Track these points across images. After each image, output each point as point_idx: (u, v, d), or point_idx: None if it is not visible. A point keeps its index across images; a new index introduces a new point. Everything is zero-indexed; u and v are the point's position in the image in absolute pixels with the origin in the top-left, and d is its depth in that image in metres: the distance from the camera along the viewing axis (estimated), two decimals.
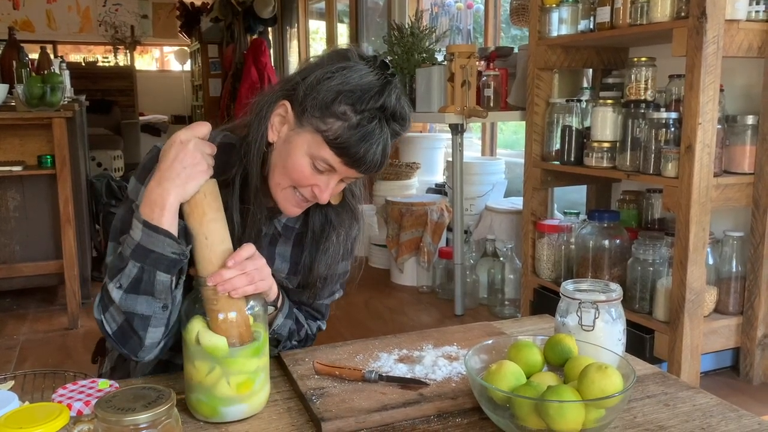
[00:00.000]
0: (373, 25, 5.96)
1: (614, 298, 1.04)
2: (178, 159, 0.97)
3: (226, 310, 0.94)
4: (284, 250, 1.21)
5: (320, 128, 1.02)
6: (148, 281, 0.98)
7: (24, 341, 2.97)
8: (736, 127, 2.29)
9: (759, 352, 2.37)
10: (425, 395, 0.98)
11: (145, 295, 0.98)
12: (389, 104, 1.02)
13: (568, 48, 2.77)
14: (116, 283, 0.99)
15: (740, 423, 0.92)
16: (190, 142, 0.98)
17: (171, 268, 0.98)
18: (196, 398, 0.93)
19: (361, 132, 1.01)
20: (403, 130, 1.06)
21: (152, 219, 0.97)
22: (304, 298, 1.25)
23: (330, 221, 1.19)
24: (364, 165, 1.03)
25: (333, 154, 1.02)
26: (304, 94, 1.03)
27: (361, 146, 1.01)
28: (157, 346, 1.03)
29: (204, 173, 0.98)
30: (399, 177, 4.38)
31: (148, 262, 0.97)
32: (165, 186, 0.96)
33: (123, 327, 1.01)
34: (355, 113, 1.01)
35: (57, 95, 3.12)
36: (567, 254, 2.80)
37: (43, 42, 7.43)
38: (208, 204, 0.99)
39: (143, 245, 0.97)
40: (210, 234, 0.98)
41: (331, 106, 1.01)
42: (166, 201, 0.96)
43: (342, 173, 1.06)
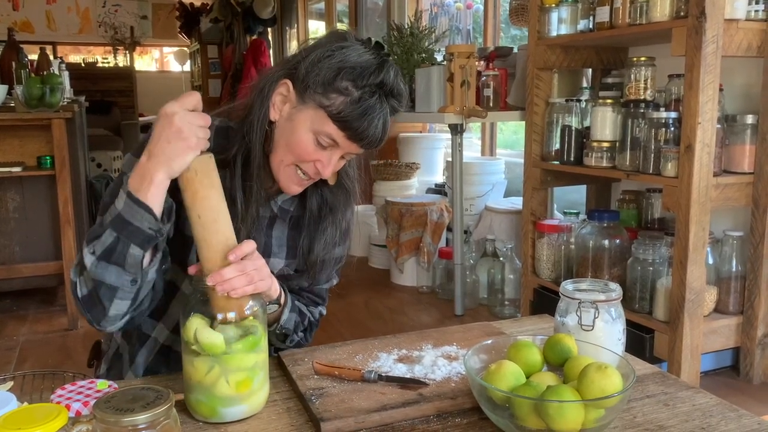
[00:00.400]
0: (373, 25, 5.96)
1: (614, 298, 1.04)
2: (163, 134, 0.95)
3: (227, 309, 0.94)
4: (281, 232, 1.22)
5: (323, 104, 1.05)
6: (120, 252, 0.97)
7: (24, 342, 2.97)
8: (736, 127, 2.29)
9: (759, 352, 2.37)
10: (425, 395, 0.98)
11: (116, 265, 0.98)
12: (388, 80, 1.06)
13: (567, 48, 2.77)
14: (90, 249, 0.98)
15: (740, 423, 0.92)
16: (175, 115, 0.94)
17: (145, 243, 0.98)
18: (195, 399, 0.93)
19: (363, 106, 1.04)
20: (400, 107, 1.10)
21: (138, 191, 0.96)
22: (304, 284, 1.27)
23: (326, 202, 1.21)
24: (366, 139, 1.06)
25: (336, 129, 1.05)
26: (305, 71, 1.06)
27: (363, 120, 1.04)
28: (121, 318, 1.02)
29: (190, 149, 0.95)
30: (399, 177, 4.39)
31: (124, 234, 0.96)
32: (153, 161, 0.95)
33: (91, 293, 1.00)
34: (357, 88, 1.04)
35: (56, 96, 3.12)
36: (567, 254, 2.79)
37: (43, 43, 7.44)
38: (199, 181, 0.96)
39: (123, 216, 0.96)
40: (203, 212, 0.96)
41: (333, 82, 1.04)
42: (155, 176, 0.95)
43: (344, 148, 1.08)
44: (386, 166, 4.44)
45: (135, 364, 1.22)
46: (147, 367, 1.23)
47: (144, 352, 1.22)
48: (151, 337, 1.22)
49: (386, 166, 4.43)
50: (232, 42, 8.12)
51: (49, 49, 7.70)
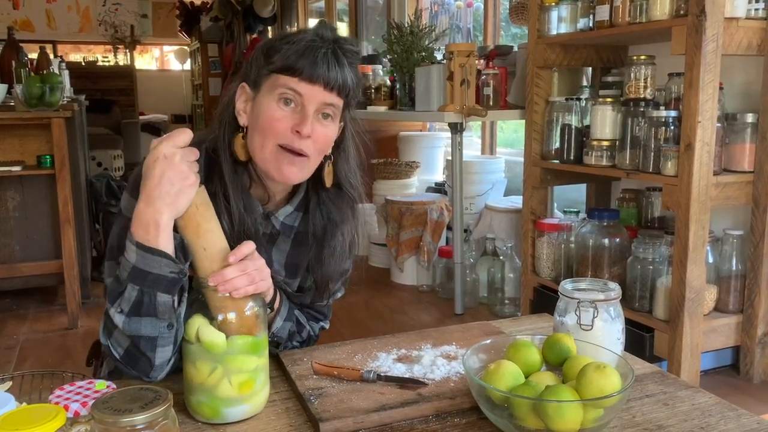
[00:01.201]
0: (373, 23, 5.96)
1: (613, 298, 1.03)
2: (165, 176, 0.93)
3: (227, 309, 0.94)
4: (282, 250, 1.20)
5: (270, 70, 1.06)
6: (149, 303, 0.96)
7: (24, 341, 2.97)
8: (736, 126, 2.28)
9: (759, 351, 2.37)
10: (424, 395, 0.98)
11: (148, 317, 0.96)
12: (324, 32, 1.07)
13: (567, 46, 2.77)
14: (117, 308, 0.97)
15: (739, 422, 0.92)
16: (175, 155, 0.94)
17: (171, 287, 0.96)
18: (197, 400, 0.93)
19: (303, 47, 1.04)
20: (350, 45, 1.08)
21: (147, 241, 0.94)
22: (306, 300, 1.25)
23: (331, 219, 1.19)
24: (321, 75, 1.04)
25: (288, 77, 1.05)
26: (251, 65, 1.10)
27: (307, 57, 1.04)
28: (168, 363, 1.01)
29: (193, 186, 0.95)
30: (398, 176, 4.38)
31: (146, 285, 0.95)
32: (156, 206, 0.93)
33: (130, 350, 0.99)
34: (292, 43, 1.05)
35: (56, 95, 3.11)
36: (567, 253, 2.79)
37: (43, 42, 7.43)
38: (201, 215, 0.97)
39: (139, 267, 0.95)
40: (208, 245, 0.97)
41: (270, 52, 1.06)
42: (160, 221, 0.94)
43: (308, 96, 1.05)
44: (386, 164, 4.44)
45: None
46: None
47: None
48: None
49: (386, 165, 4.43)
50: (233, 40, 8.12)
51: (49, 47, 7.70)
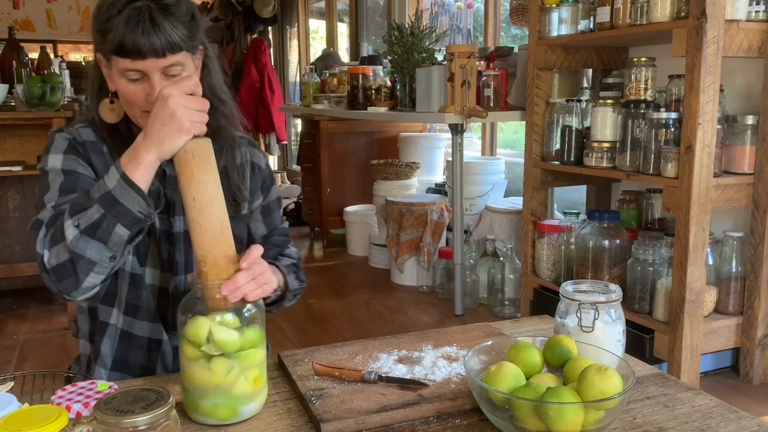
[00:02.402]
0: (373, 24, 5.96)
1: (614, 299, 1.04)
2: (158, 116, 0.97)
3: (227, 309, 0.94)
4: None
5: (108, 49, 1.08)
6: (105, 229, 0.99)
7: (24, 341, 2.97)
8: (736, 127, 2.29)
9: (759, 352, 2.37)
10: (425, 396, 0.98)
11: (98, 241, 1.00)
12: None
13: (567, 48, 2.77)
14: (74, 221, 1.00)
15: (740, 424, 0.92)
16: (170, 98, 0.97)
17: (132, 225, 1.00)
18: (212, 403, 0.91)
19: (123, 26, 1.05)
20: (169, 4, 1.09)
21: (128, 170, 0.98)
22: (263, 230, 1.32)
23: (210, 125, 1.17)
24: (146, 48, 1.05)
25: (122, 59, 1.07)
26: (94, 40, 1.13)
27: (128, 36, 1.05)
28: (92, 289, 1.05)
29: (182, 132, 0.97)
30: (399, 177, 4.39)
31: (112, 212, 0.98)
32: (146, 142, 0.98)
33: (65, 264, 1.01)
34: (114, 18, 1.06)
35: (57, 95, 3.12)
36: (567, 254, 2.80)
37: (44, 41, 7.41)
38: (196, 165, 0.97)
39: (113, 195, 0.98)
40: (198, 195, 0.96)
41: (102, 29, 1.08)
42: (145, 157, 0.98)
43: (150, 68, 1.07)
44: (386, 165, 4.44)
45: (101, 356, 1.22)
46: (114, 357, 1.22)
47: (107, 341, 1.22)
48: (110, 325, 1.22)
49: (386, 166, 4.43)
50: (233, 41, 8.11)
51: (49, 47, 7.69)
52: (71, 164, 1.14)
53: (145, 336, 1.22)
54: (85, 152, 1.17)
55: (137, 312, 1.21)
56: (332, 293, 3.65)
